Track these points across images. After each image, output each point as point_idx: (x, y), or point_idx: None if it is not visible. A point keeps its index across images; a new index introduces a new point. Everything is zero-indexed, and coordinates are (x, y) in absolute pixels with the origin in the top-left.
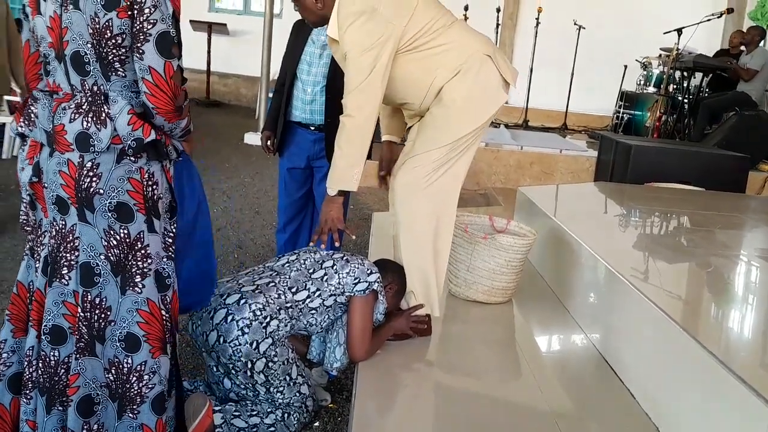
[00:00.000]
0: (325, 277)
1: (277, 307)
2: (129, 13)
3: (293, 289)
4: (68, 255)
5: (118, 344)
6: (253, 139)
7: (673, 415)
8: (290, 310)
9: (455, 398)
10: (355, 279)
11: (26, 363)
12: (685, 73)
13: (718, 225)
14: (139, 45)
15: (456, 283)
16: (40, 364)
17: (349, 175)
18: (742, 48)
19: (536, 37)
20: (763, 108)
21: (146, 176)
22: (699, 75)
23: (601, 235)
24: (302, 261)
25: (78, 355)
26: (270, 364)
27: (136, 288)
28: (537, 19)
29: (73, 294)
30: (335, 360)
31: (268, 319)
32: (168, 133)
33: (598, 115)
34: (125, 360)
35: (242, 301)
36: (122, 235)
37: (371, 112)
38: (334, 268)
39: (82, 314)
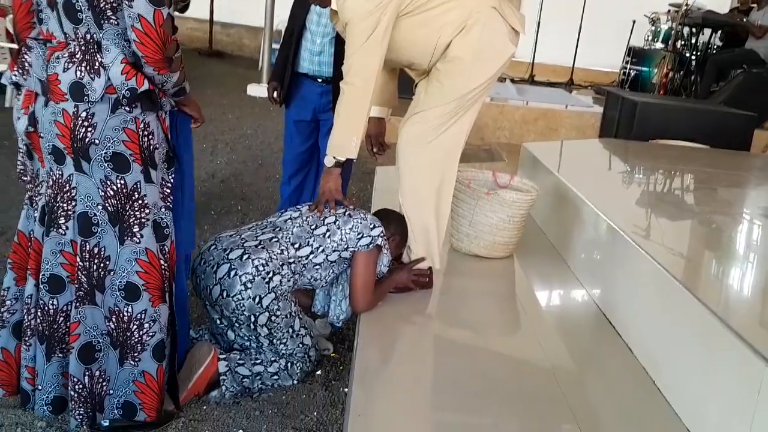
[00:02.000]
0: (328, 234)
1: (280, 263)
2: None
3: (296, 245)
4: (65, 205)
5: (118, 293)
6: (255, 90)
7: (670, 370)
8: (293, 265)
9: (455, 350)
10: (358, 234)
11: (25, 311)
12: (694, 30)
13: (722, 183)
14: None
15: (458, 237)
16: (39, 313)
17: (348, 142)
18: (752, 5)
19: None
20: None
21: (141, 126)
22: (708, 31)
23: (604, 192)
24: (305, 217)
25: (78, 304)
26: (273, 317)
27: (134, 238)
28: None
29: (71, 243)
30: (341, 312)
31: (270, 275)
32: (160, 88)
33: (605, 71)
34: (125, 309)
35: (245, 257)
36: (119, 185)
37: (369, 78)
38: (337, 223)
39: (81, 264)
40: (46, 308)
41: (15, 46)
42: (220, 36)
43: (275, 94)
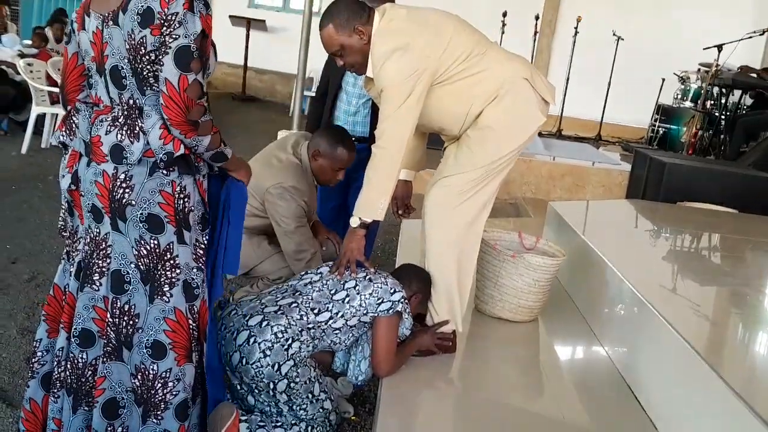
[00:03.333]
0: (347, 299)
1: (299, 329)
2: (161, 31)
3: (315, 310)
4: (100, 262)
5: (144, 351)
6: None
7: None
8: (312, 331)
9: (475, 417)
10: (378, 299)
11: (55, 363)
12: (724, 90)
13: (750, 251)
14: (160, 57)
15: (483, 299)
16: (69, 365)
17: (375, 204)
18: None
19: (574, 45)
20: None
21: (178, 189)
22: (737, 92)
23: (629, 257)
24: (324, 281)
25: (105, 359)
26: (292, 384)
27: (164, 297)
28: (576, 28)
29: (103, 299)
30: (360, 373)
31: (289, 342)
32: (193, 151)
33: (633, 127)
34: (151, 366)
35: (264, 323)
36: (152, 245)
37: (401, 143)
38: (357, 288)
39: (110, 320)
40: (75, 361)
41: (55, 89)
42: (254, 81)
43: None
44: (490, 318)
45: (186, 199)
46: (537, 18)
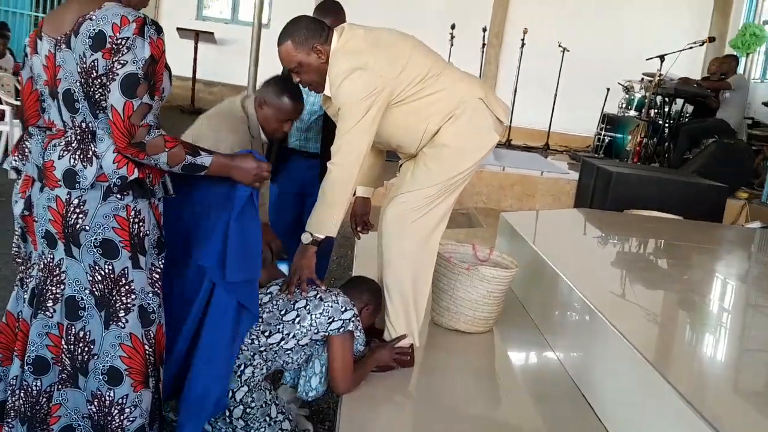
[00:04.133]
0: (297, 319)
1: (252, 353)
2: (111, 55)
3: (266, 333)
4: (54, 288)
5: (101, 377)
6: None
7: None
8: (264, 353)
9: (436, 429)
10: (329, 318)
11: (9, 392)
12: (667, 99)
13: (694, 257)
14: (107, 83)
15: (438, 312)
16: (22, 394)
17: (329, 220)
18: (722, 75)
19: (521, 57)
20: (741, 136)
21: (132, 213)
22: (680, 101)
23: (579, 266)
24: (275, 302)
25: (60, 386)
26: (248, 409)
27: (119, 323)
28: (522, 39)
29: (57, 326)
30: (310, 389)
31: (242, 368)
32: (157, 168)
33: (580, 136)
34: (107, 393)
35: None
36: (107, 270)
37: (355, 160)
38: (307, 308)
39: (65, 347)
40: (29, 389)
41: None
42: (203, 94)
43: None
44: (447, 330)
45: (141, 224)
46: (485, 30)
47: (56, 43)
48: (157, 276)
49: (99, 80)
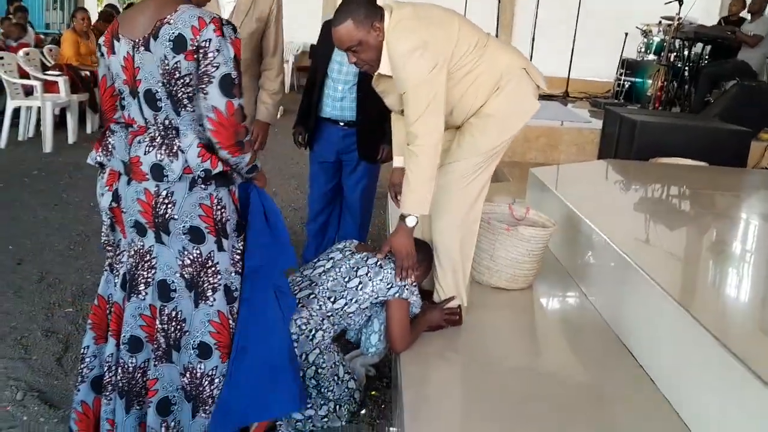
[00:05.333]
0: (360, 286)
1: (320, 318)
2: (195, 56)
3: (332, 299)
4: (145, 273)
5: (191, 352)
6: None
7: (684, 392)
8: (331, 317)
9: (485, 380)
10: (388, 284)
11: (106, 368)
12: (686, 42)
13: (720, 203)
14: (203, 86)
15: (479, 270)
16: (119, 370)
17: (425, 198)
18: (743, 16)
19: (538, 4)
20: (762, 77)
21: (215, 201)
22: (699, 44)
23: (610, 218)
24: (337, 269)
25: (156, 362)
26: (319, 370)
27: (207, 301)
28: None
29: (149, 308)
30: (371, 345)
31: (313, 332)
32: (234, 168)
33: (598, 81)
34: (198, 365)
35: None
36: (195, 254)
37: (438, 139)
38: (369, 275)
39: (159, 326)
40: (125, 366)
41: (28, 82)
42: None
43: (300, 138)
44: (488, 287)
45: (223, 210)
46: None
47: (134, 45)
48: (238, 257)
49: (182, 80)
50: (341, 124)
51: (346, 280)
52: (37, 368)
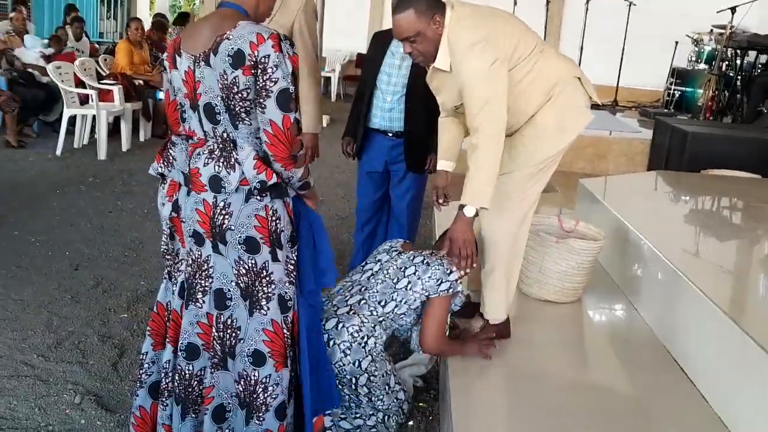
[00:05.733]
0: (409, 285)
1: (372, 325)
2: (253, 71)
3: (382, 303)
4: (203, 282)
5: (246, 359)
6: None
7: (734, 408)
8: (383, 322)
9: (534, 394)
10: (438, 281)
11: (163, 374)
12: (738, 51)
13: None
14: (261, 100)
15: (527, 282)
16: (176, 377)
17: (487, 191)
18: None
19: (587, 12)
20: None
21: (270, 212)
22: (752, 52)
23: (662, 231)
24: (386, 271)
25: (212, 369)
26: (371, 378)
27: (262, 310)
28: None
29: (207, 316)
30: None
31: (365, 339)
32: (286, 182)
33: (648, 90)
34: (252, 373)
35: (340, 326)
36: (250, 264)
37: (500, 130)
38: (417, 273)
39: (216, 333)
40: (183, 373)
41: (84, 91)
42: None
43: (348, 148)
44: (537, 300)
45: (278, 221)
46: None
47: (195, 60)
48: (292, 267)
49: (240, 95)
50: (389, 134)
51: (395, 281)
52: (93, 373)
